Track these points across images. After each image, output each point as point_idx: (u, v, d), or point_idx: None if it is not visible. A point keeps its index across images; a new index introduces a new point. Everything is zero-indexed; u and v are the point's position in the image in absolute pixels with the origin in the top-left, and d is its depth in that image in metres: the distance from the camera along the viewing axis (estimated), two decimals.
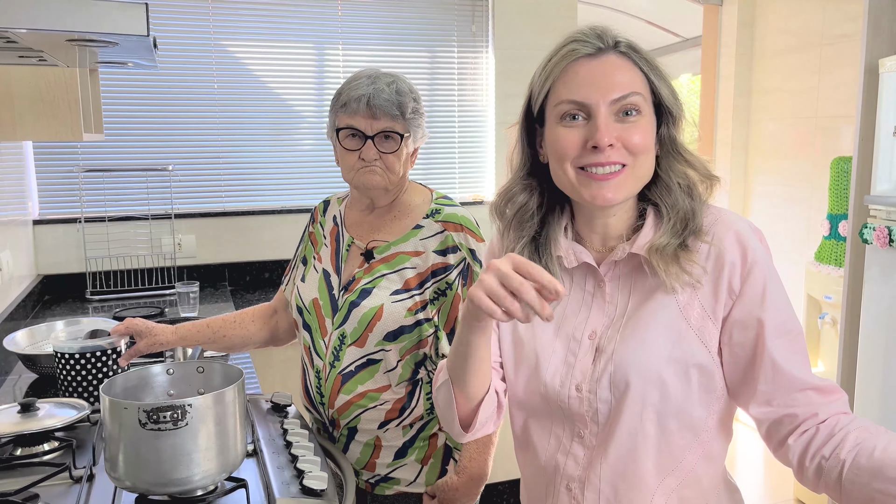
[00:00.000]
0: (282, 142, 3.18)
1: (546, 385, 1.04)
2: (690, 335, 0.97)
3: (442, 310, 1.47)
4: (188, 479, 1.12)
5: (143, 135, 2.98)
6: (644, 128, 0.97)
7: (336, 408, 1.50)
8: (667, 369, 0.97)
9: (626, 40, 1.00)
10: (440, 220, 1.49)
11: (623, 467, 1.01)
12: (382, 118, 1.43)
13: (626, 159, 0.97)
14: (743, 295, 0.96)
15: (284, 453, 1.36)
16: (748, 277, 0.96)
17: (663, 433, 0.99)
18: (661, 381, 0.97)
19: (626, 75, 0.97)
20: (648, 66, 0.98)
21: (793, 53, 3.43)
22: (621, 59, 0.98)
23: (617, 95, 0.96)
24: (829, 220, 2.93)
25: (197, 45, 3.00)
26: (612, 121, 0.96)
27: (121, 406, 1.09)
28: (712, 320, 0.97)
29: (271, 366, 2.64)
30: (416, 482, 1.53)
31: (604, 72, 0.97)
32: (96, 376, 1.65)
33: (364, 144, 1.44)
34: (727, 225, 0.99)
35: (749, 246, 0.97)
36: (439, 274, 1.46)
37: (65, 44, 1.07)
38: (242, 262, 3.14)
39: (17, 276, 2.50)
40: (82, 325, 2.00)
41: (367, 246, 1.52)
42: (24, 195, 2.73)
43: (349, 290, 1.50)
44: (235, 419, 1.17)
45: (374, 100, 1.41)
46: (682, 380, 0.97)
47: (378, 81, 1.44)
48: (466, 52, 3.41)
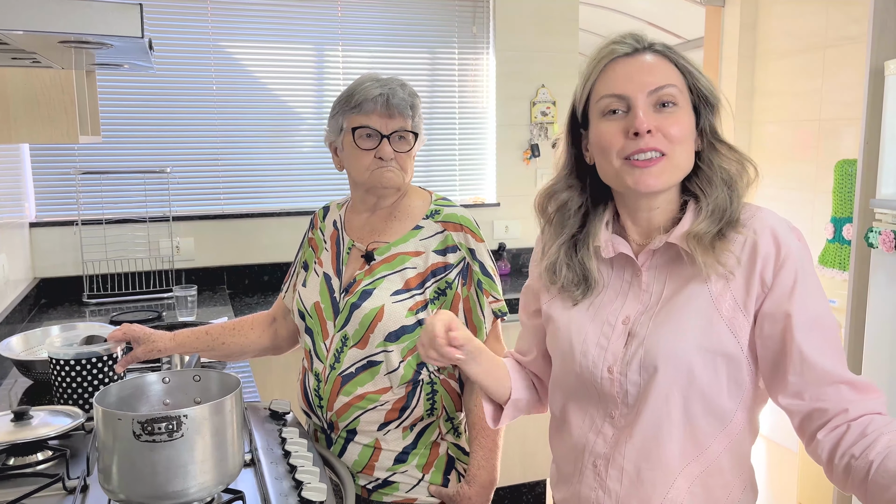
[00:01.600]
0: (281, 144, 3.15)
1: (581, 366, 1.10)
2: (721, 325, 1.00)
3: (443, 309, 1.44)
4: (184, 492, 1.09)
5: (140, 137, 2.95)
6: (680, 118, 1.03)
7: (335, 410, 1.48)
8: (695, 357, 1.00)
9: (661, 42, 1.07)
10: (440, 221, 1.50)
11: (647, 448, 1.05)
12: (397, 118, 1.45)
13: (664, 147, 1.02)
14: (774, 288, 0.99)
15: (283, 463, 1.33)
16: (780, 271, 0.99)
17: (689, 419, 1.03)
18: (688, 368, 1.01)
19: (662, 70, 1.04)
20: (684, 62, 1.05)
21: (796, 56, 3.40)
22: (657, 56, 1.05)
23: (653, 87, 1.02)
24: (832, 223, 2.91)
25: (195, 46, 2.98)
26: (650, 111, 1.02)
27: (115, 417, 1.07)
28: (743, 312, 1.00)
29: (270, 371, 2.61)
30: (418, 488, 1.50)
31: (640, 67, 1.04)
32: (91, 383, 1.63)
33: (380, 143, 1.45)
34: (764, 221, 1.02)
35: (783, 241, 1.00)
36: (439, 273, 1.46)
37: (58, 45, 1.04)
38: (241, 265, 3.12)
39: (13, 280, 2.48)
40: (78, 330, 1.98)
41: (367, 248, 1.52)
42: (21, 197, 2.70)
43: (350, 292, 1.49)
44: (233, 430, 1.15)
45: (391, 99, 1.44)
46: (709, 368, 1.01)
47: (390, 83, 1.46)
48: (467, 53, 3.38)
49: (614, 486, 1.08)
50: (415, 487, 1.50)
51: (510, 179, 3.47)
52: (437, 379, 1.49)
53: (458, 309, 1.46)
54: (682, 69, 1.05)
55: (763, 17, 3.60)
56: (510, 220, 3.48)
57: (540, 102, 3.44)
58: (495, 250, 3.43)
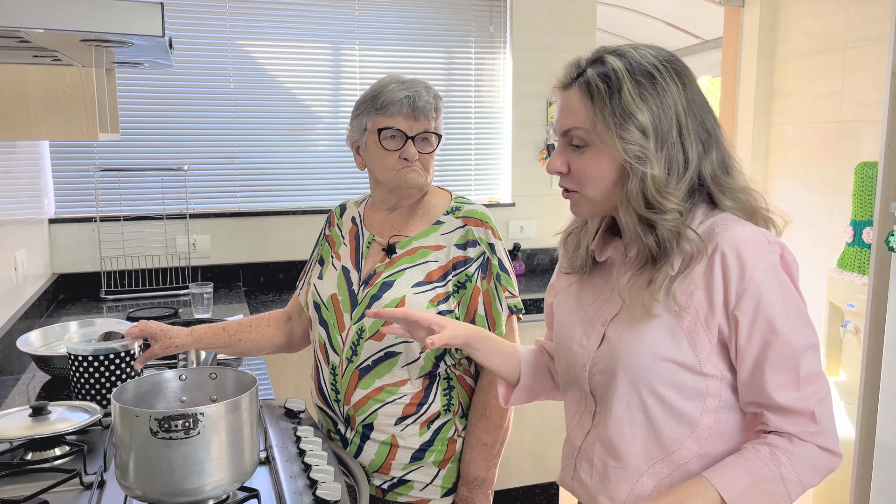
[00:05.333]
0: (297, 142, 3.16)
1: (567, 361, 1.17)
2: (681, 338, 1.02)
3: (462, 302, 1.48)
4: (199, 490, 1.10)
5: (158, 134, 2.97)
6: (588, 160, 1.04)
7: (352, 404, 1.49)
8: (653, 364, 1.03)
9: (594, 74, 1.03)
10: (461, 216, 1.52)
11: (613, 446, 1.09)
12: (422, 119, 1.47)
13: (573, 186, 1.08)
14: (738, 308, 1.00)
15: (297, 461, 1.33)
16: (743, 294, 0.99)
17: (651, 422, 1.06)
18: (646, 375, 1.04)
19: (577, 110, 1.04)
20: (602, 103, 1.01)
21: (815, 56, 3.37)
22: (580, 93, 1.04)
23: (562, 129, 1.06)
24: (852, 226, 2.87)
25: (213, 44, 2.99)
26: (566, 149, 1.07)
27: (132, 414, 1.07)
28: (705, 328, 1.02)
29: (285, 367, 2.62)
30: (432, 485, 1.50)
31: (562, 105, 1.07)
32: (109, 379, 1.64)
33: (405, 144, 1.47)
34: (733, 238, 1.01)
35: (748, 263, 0.99)
36: (459, 267, 1.48)
37: (79, 44, 1.05)
38: (257, 262, 3.13)
39: (31, 276, 2.50)
40: (96, 326, 1.99)
41: (388, 241, 1.53)
42: (40, 194, 2.73)
43: (370, 283, 1.50)
44: (248, 428, 1.15)
45: (417, 102, 1.46)
46: (667, 376, 1.03)
47: (415, 85, 1.48)
48: (484, 52, 3.37)
49: (586, 478, 1.15)
50: (428, 486, 1.50)
51: (525, 179, 3.46)
52: (454, 374, 1.50)
53: (477, 302, 1.48)
54: (598, 109, 1.02)
55: (782, 18, 3.56)
56: (525, 220, 3.47)
57: (556, 102, 3.42)
58: (510, 250, 3.42)
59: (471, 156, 3.43)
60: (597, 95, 1.02)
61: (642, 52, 1.04)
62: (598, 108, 1.01)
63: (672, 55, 1.07)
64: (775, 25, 3.60)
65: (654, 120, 1.01)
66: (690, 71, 1.08)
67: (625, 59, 1.03)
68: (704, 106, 1.07)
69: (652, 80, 1.01)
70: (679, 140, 1.03)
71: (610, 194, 1.05)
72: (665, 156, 1.02)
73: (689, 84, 1.05)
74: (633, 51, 1.04)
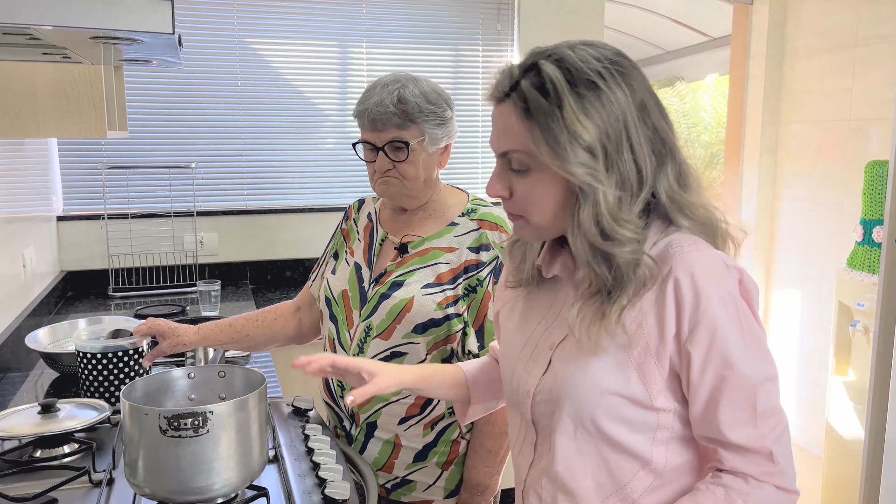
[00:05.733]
0: (305, 140, 3.16)
1: (510, 384, 1.09)
2: (629, 370, 0.94)
3: (471, 307, 1.46)
4: (208, 488, 1.09)
5: (166, 132, 2.97)
6: (530, 184, 0.94)
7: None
8: (601, 399, 0.95)
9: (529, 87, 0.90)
10: (476, 219, 1.50)
11: (562, 480, 1.01)
12: (387, 129, 1.43)
13: (519, 211, 0.98)
14: (690, 342, 0.92)
15: (306, 460, 1.33)
16: (697, 326, 0.91)
17: (600, 454, 0.99)
18: (591, 407, 0.96)
19: (513, 129, 0.93)
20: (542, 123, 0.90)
21: (825, 54, 3.35)
22: (516, 109, 0.92)
23: (499, 151, 0.97)
24: (862, 225, 2.86)
25: (221, 42, 2.99)
26: (505, 171, 0.97)
27: (141, 412, 1.07)
28: (655, 360, 0.94)
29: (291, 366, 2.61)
30: (435, 486, 1.50)
31: (496, 122, 0.96)
32: (118, 376, 1.64)
33: (377, 156, 1.45)
34: (687, 264, 0.92)
35: (704, 292, 0.91)
36: (471, 270, 1.46)
37: (88, 41, 1.05)
38: (264, 260, 3.13)
39: (40, 273, 2.51)
40: (104, 323, 1.99)
41: (401, 240, 1.52)
42: (49, 191, 2.73)
43: (380, 282, 1.49)
44: (257, 426, 1.15)
45: (373, 113, 1.43)
46: (615, 409, 0.96)
47: (385, 90, 1.43)
48: (491, 50, 3.37)
49: None
50: (430, 487, 1.50)
51: None
52: None
53: (487, 307, 1.45)
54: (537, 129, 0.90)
55: (792, 15, 3.54)
56: None
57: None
58: None
59: (478, 154, 3.42)
60: (536, 114, 0.90)
61: (582, 53, 0.92)
62: (538, 128, 0.90)
63: (617, 54, 0.95)
64: (784, 23, 3.58)
65: (602, 136, 0.90)
66: (639, 70, 0.96)
67: (563, 65, 0.90)
68: (657, 110, 0.96)
69: (595, 90, 0.90)
70: (631, 155, 0.92)
71: (558, 219, 0.96)
72: (616, 175, 0.91)
73: (639, 86, 0.94)
74: (571, 53, 0.92)
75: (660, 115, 0.96)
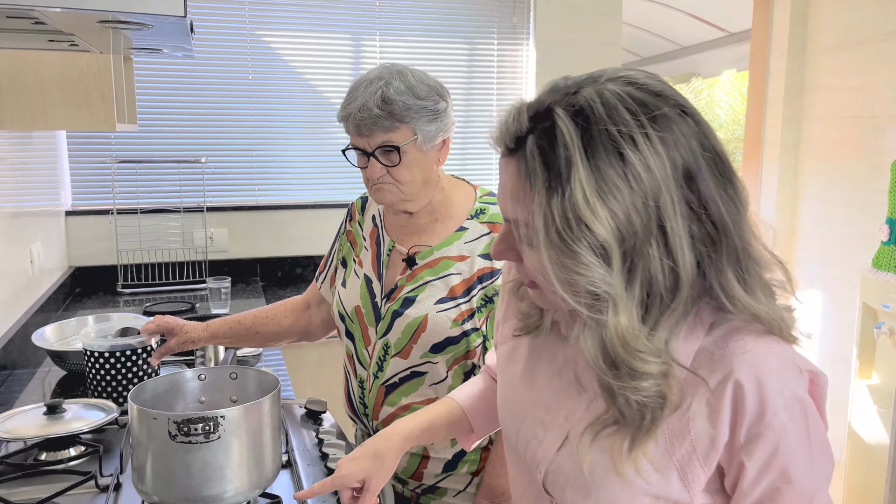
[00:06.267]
0: (316, 135, 3.11)
1: (516, 447, 0.92)
2: (671, 469, 0.77)
3: (490, 317, 1.37)
4: (219, 496, 1.04)
5: (176, 126, 2.93)
6: (540, 262, 0.72)
7: (381, 420, 1.42)
8: (632, 499, 0.79)
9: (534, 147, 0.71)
10: (485, 222, 1.40)
11: None
12: (375, 133, 1.32)
13: (532, 279, 0.79)
14: (747, 453, 0.75)
15: (320, 465, 1.28)
16: (758, 438, 0.74)
17: None
18: None
19: (515, 195, 0.74)
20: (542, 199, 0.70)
21: (848, 49, 3.27)
22: (516, 173, 0.73)
23: (505, 217, 0.79)
24: (888, 224, 2.78)
25: (232, 35, 2.94)
26: (513, 236, 0.79)
27: (150, 416, 1.02)
28: (701, 462, 0.76)
29: (302, 363, 2.57)
30: (465, 492, 1.44)
31: (501, 176, 0.78)
32: (126, 376, 1.59)
33: (369, 162, 1.35)
34: (754, 368, 0.74)
35: (770, 403, 0.73)
36: (486, 279, 1.37)
37: (97, 26, 0.99)
38: (275, 257, 3.08)
39: (48, 268, 2.46)
40: (112, 321, 1.95)
41: (408, 251, 1.43)
42: (57, 186, 2.69)
43: (391, 298, 1.41)
44: (271, 432, 1.10)
45: (357, 118, 1.31)
46: None
47: (367, 90, 1.31)
48: (506, 44, 3.30)
49: None
50: (461, 493, 1.43)
51: None
52: None
53: None
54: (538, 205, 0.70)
55: (814, 9, 3.46)
56: None
57: None
58: None
59: (492, 150, 3.35)
60: (535, 187, 0.70)
61: (612, 100, 0.70)
62: (537, 206, 0.70)
63: (659, 96, 0.72)
64: (806, 18, 3.50)
65: (622, 230, 0.68)
66: (691, 116, 0.73)
67: (582, 119, 0.69)
68: (710, 173, 0.72)
69: (621, 160, 0.68)
70: (665, 250, 0.70)
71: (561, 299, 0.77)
72: (641, 283, 0.70)
73: (686, 143, 0.71)
74: (596, 100, 0.70)
75: (713, 182, 0.72)
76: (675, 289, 0.71)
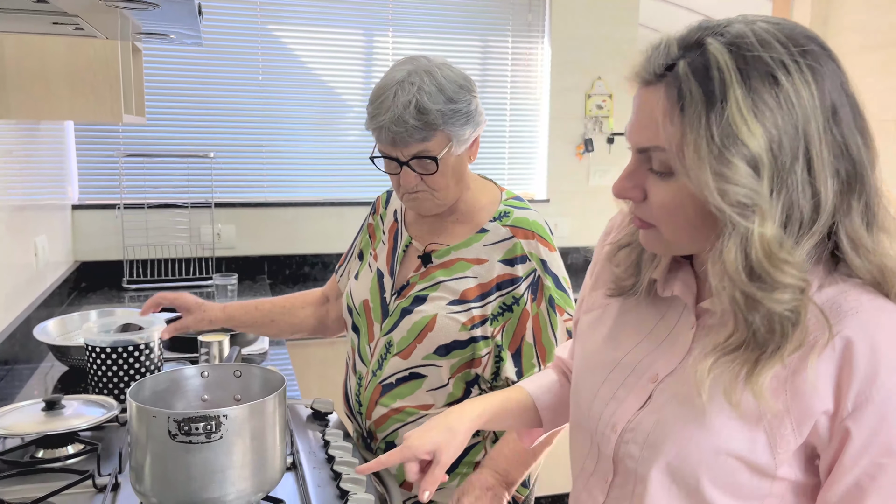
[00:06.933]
0: (326, 132, 3.07)
1: (585, 412, 0.92)
2: (759, 430, 0.76)
3: (507, 328, 1.31)
4: (220, 500, 1.00)
5: (184, 121, 2.90)
6: (670, 192, 0.76)
7: (373, 420, 1.38)
8: (715, 459, 0.78)
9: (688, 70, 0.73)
10: (508, 225, 1.33)
11: None
12: (411, 143, 1.26)
13: (650, 219, 0.81)
14: (854, 420, 0.73)
15: (326, 468, 1.23)
16: (867, 404, 0.72)
17: None
18: (701, 468, 0.79)
19: (657, 122, 0.75)
20: (696, 119, 0.72)
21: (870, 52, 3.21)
22: (665, 98, 0.75)
23: (637, 147, 0.79)
24: None
25: (243, 29, 2.91)
26: (639, 167, 0.80)
27: (149, 414, 0.98)
28: (793, 426, 0.75)
29: (309, 364, 2.53)
30: None
31: (639, 108, 0.79)
32: (127, 372, 1.55)
33: (401, 170, 1.29)
34: (870, 328, 0.73)
35: (885, 365, 0.72)
36: (505, 287, 1.31)
37: (101, 5, 0.95)
38: (282, 254, 3.04)
39: (52, 262, 2.43)
40: (116, 316, 1.91)
41: (425, 249, 1.38)
42: (64, 179, 2.66)
43: (402, 295, 1.37)
44: (275, 433, 1.05)
45: (393, 132, 1.24)
46: (728, 474, 0.78)
47: (398, 99, 1.24)
48: (521, 42, 3.26)
49: None
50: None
51: (562, 175, 3.33)
52: None
53: (525, 327, 1.30)
54: (691, 126, 0.72)
55: (835, 11, 3.40)
56: (560, 217, 3.34)
57: (596, 95, 3.30)
58: None
59: (504, 149, 3.31)
60: (689, 106, 0.72)
61: (763, 34, 0.72)
62: (690, 124, 0.72)
63: (808, 37, 0.74)
64: (827, 19, 3.44)
65: (773, 147, 0.71)
66: (836, 62, 0.75)
67: (736, 47, 0.72)
68: (852, 118, 0.74)
69: (774, 86, 0.71)
70: (807, 176, 0.72)
71: (697, 239, 0.79)
72: (784, 202, 0.72)
73: (832, 83, 0.73)
74: (748, 33, 0.72)
75: (854, 126, 0.74)
76: (813, 218, 0.73)
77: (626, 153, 0.83)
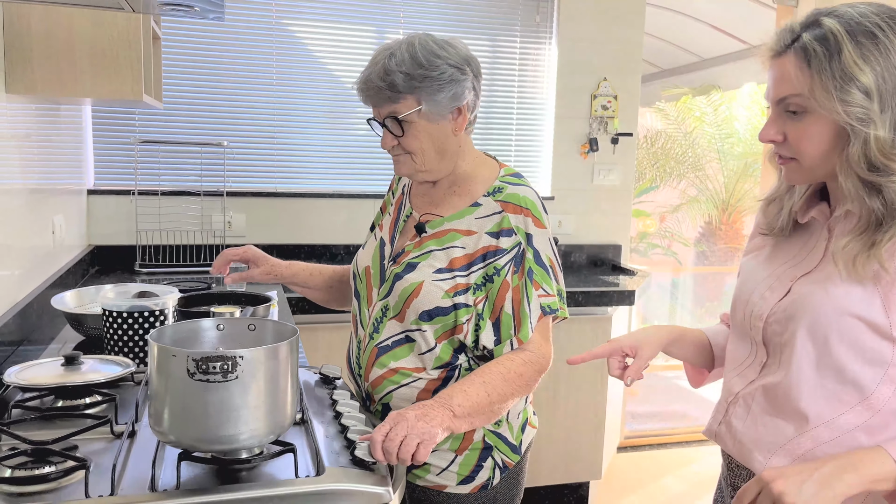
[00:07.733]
0: (337, 125, 3.13)
1: (743, 312, 1.18)
2: (875, 295, 1.01)
3: (488, 297, 1.36)
4: (234, 437, 1.04)
5: (199, 110, 2.96)
6: (804, 128, 1.04)
7: (370, 381, 1.43)
8: (839, 318, 1.02)
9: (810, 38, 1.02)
10: (500, 200, 1.39)
11: (776, 399, 1.10)
12: (381, 104, 1.36)
13: (792, 153, 1.07)
14: None
15: (334, 424, 1.28)
16: None
17: (822, 380, 1.05)
18: (829, 326, 1.03)
19: (790, 77, 1.03)
20: (820, 67, 1.00)
21: None
22: (795, 58, 1.03)
23: (776, 98, 1.06)
24: None
25: (258, 23, 2.98)
26: (779, 118, 1.07)
27: (169, 353, 1.03)
28: None
29: (317, 349, 2.57)
30: (448, 470, 1.41)
31: (775, 73, 1.06)
32: (143, 337, 1.60)
33: (383, 132, 1.40)
34: None
35: None
36: (489, 258, 1.36)
37: None
38: (292, 244, 3.10)
39: (67, 244, 2.49)
40: (130, 287, 1.96)
41: (420, 219, 1.45)
42: (81, 164, 2.72)
43: (397, 262, 1.43)
44: (287, 378, 1.10)
45: (363, 91, 1.37)
46: (851, 333, 1.02)
47: (374, 62, 1.36)
48: (529, 42, 3.32)
49: (737, 423, 1.17)
50: (444, 472, 1.41)
51: (566, 173, 3.39)
52: (476, 366, 1.40)
53: (505, 298, 1.35)
54: (817, 73, 1.00)
55: None
56: (564, 214, 3.40)
57: (601, 96, 3.36)
58: None
59: (511, 146, 3.37)
60: (814, 60, 1.00)
61: (861, 9, 1.01)
62: (817, 72, 1.00)
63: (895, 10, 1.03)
64: None
65: (878, 80, 0.98)
66: None
67: (842, 19, 1.01)
68: None
69: (874, 40, 0.99)
70: None
71: (828, 160, 1.05)
72: (891, 117, 0.99)
73: None
74: (850, 10, 1.02)
75: None
76: None
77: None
